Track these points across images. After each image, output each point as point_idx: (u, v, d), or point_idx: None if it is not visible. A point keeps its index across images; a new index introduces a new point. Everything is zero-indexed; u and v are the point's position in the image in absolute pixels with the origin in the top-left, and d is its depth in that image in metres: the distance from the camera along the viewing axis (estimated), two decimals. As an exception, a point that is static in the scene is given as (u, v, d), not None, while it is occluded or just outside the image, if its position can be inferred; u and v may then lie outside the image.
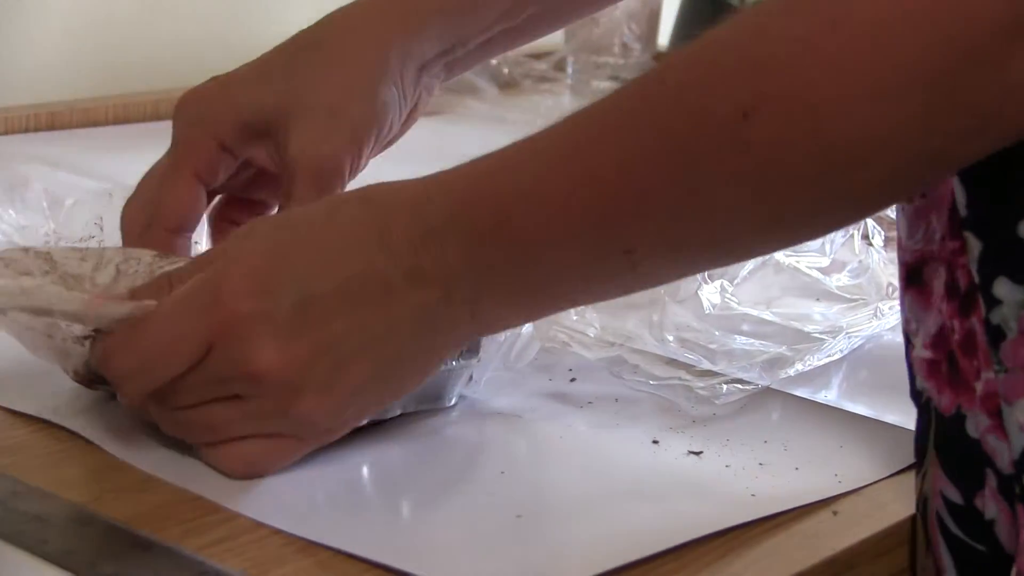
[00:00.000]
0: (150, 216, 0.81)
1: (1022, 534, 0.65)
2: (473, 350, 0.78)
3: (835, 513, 0.72)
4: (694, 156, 0.62)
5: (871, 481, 0.75)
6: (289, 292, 0.67)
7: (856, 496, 0.74)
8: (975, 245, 0.65)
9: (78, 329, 0.70)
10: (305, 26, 0.84)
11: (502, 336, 0.80)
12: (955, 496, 0.69)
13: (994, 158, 0.62)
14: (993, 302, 0.65)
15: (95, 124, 1.33)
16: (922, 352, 0.70)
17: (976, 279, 0.65)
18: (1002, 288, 0.64)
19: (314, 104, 0.81)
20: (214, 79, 0.84)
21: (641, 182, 0.64)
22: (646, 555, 0.66)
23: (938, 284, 0.69)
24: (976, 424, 0.67)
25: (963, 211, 0.65)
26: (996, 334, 0.65)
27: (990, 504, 0.67)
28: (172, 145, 0.83)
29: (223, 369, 0.68)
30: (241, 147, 0.82)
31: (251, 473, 0.70)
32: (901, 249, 0.71)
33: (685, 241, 0.65)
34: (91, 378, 0.74)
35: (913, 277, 0.71)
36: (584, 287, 0.69)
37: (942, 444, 0.70)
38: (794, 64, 0.60)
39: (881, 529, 0.72)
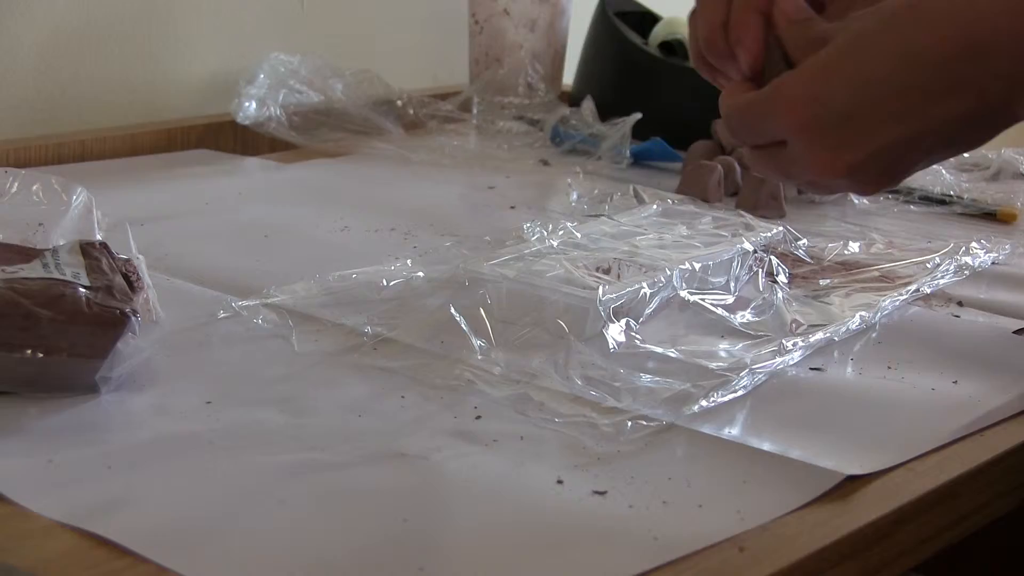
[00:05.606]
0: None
1: None
2: (98, 353, 0.80)
3: (741, 549, 0.72)
4: None
5: (775, 516, 0.75)
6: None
7: (762, 531, 0.74)
8: None
9: None
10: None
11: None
12: None
13: None
14: None
15: None
16: None
17: None
18: None
19: None
20: None
21: None
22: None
23: None
24: None
25: None
26: None
27: None
28: None
29: None
30: None
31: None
32: None
33: None
34: None
35: None
36: None
37: None
38: None
39: (788, 564, 0.72)
